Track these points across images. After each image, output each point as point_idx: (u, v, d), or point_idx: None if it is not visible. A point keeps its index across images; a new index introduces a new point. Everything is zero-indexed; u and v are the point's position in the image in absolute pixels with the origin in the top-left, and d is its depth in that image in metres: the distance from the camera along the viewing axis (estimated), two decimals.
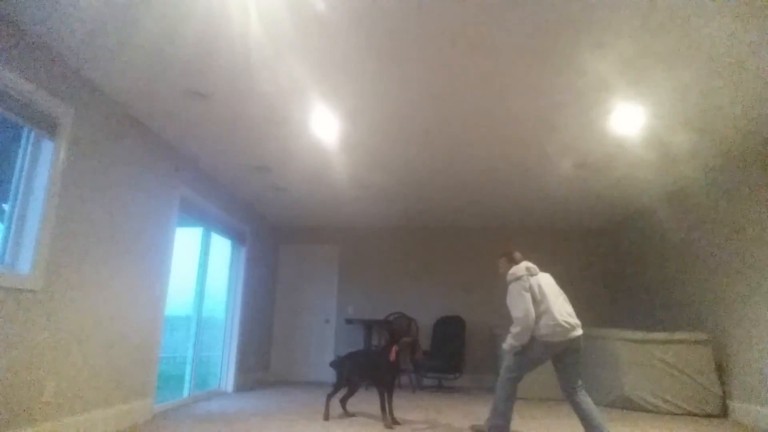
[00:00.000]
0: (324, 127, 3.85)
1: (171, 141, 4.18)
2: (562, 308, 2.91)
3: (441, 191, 5.53)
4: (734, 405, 4.20)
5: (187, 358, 4.80)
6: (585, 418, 2.81)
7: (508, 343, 2.96)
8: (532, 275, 3.03)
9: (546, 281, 3.05)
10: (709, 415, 4.31)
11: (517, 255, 3.23)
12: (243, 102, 3.46)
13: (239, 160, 4.64)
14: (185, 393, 4.67)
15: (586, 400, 2.85)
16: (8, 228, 2.72)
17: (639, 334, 4.69)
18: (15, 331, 2.57)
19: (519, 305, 2.91)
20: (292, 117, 3.68)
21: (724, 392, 4.35)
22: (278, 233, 7.51)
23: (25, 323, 2.64)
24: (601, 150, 4.16)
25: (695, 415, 4.34)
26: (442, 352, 6.29)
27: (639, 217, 6.11)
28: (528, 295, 2.92)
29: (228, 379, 5.60)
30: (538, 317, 2.87)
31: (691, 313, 4.92)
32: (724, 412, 4.31)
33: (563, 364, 2.93)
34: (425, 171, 4.86)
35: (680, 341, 4.51)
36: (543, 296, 2.93)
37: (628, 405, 4.58)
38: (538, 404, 5.05)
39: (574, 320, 2.89)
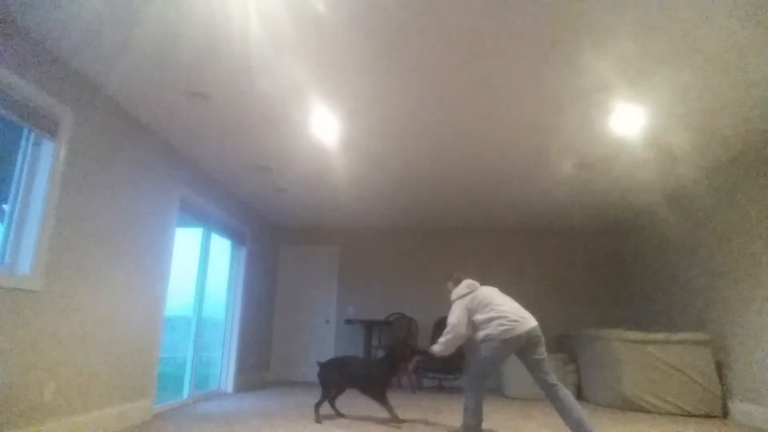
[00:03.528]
0: (324, 127, 3.85)
1: (171, 141, 4.18)
2: (510, 307, 3.11)
3: (441, 192, 5.53)
4: (734, 405, 4.20)
5: (187, 359, 4.80)
6: (564, 413, 2.87)
7: (436, 349, 3.24)
8: (472, 291, 3.30)
9: (488, 291, 3.29)
10: (709, 416, 4.31)
11: (461, 277, 3.51)
12: (243, 102, 3.46)
13: (239, 160, 4.64)
14: (185, 393, 4.67)
15: (564, 393, 2.92)
16: (8, 228, 2.72)
17: (639, 335, 4.69)
18: (15, 331, 2.57)
19: (454, 315, 3.22)
20: (292, 117, 3.68)
21: (724, 392, 4.35)
22: (278, 233, 7.51)
23: (25, 323, 2.64)
24: (601, 150, 4.16)
25: (695, 415, 4.34)
26: None
27: (639, 217, 6.11)
28: (466, 313, 3.19)
29: (228, 380, 5.60)
30: (489, 321, 3.07)
31: (691, 313, 4.92)
32: (724, 412, 4.31)
33: (527, 357, 3.04)
34: (425, 171, 4.86)
35: (680, 341, 4.51)
36: (489, 302, 3.16)
37: (628, 405, 4.58)
38: (538, 404, 5.05)
39: (525, 314, 3.08)
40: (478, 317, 3.13)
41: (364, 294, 7.16)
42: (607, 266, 6.89)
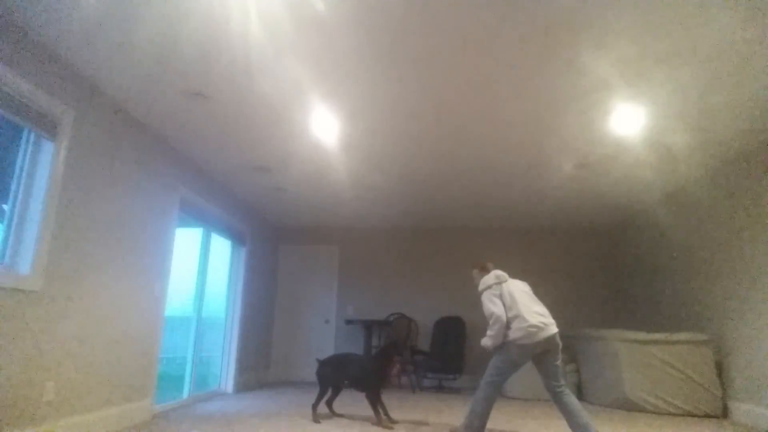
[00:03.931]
0: (324, 127, 3.85)
1: (171, 141, 4.18)
2: (532, 310, 3.02)
3: (441, 191, 5.53)
4: (734, 405, 4.20)
5: (187, 359, 4.80)
6: (570, 418, 2.86)
7: (485, 342, 3.12)
8: (501, 282, 3.19)
9: (516, 287, 3.19)
10: (709, 416, 4.31)
11: (489, 265, 3.40)
12: (243, 102, 3.46)
13: (239, 161, 4.64)
14: (185, 393, 4.67)
15: (571, 399, 2.91)
16: (8, 228, 2.72)
17: (639, 335, 4.69)
18: (15, 332, 2.57)
19: (491, 308, 3.07)
20: (292, 117, 3.68)
21: (724, 392, 4.35)
22: (278, 233, 7.51)
23: (25, 323, 2.64)
24: (601, 150, 4.16)
25: (695, 415, 4.34)
26: (442, 352, 6.28)
27: (639, 217, 6.11)
28: (499, 301, 3.08)
29: (228, 380, 5.60)
30: (510, 322, 3.00)
31: (691, 313, 4.92)
32: (724, 413, 4.31)
33: (544, 364, 3.01)
34: (425, 171, 4.86)
35: (680, 341, 4.51)
36: (513, 302, 3.06)
37: (628, 405, 4.58)
38: (538, 404, 5.05)
39: (548, 319, 3.00)
40: None
41: (364, 294, 7.16)
42: (607, 266, 6.89)
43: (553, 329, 2.95)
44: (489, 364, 3.11)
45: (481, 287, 3.24)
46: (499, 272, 3.27)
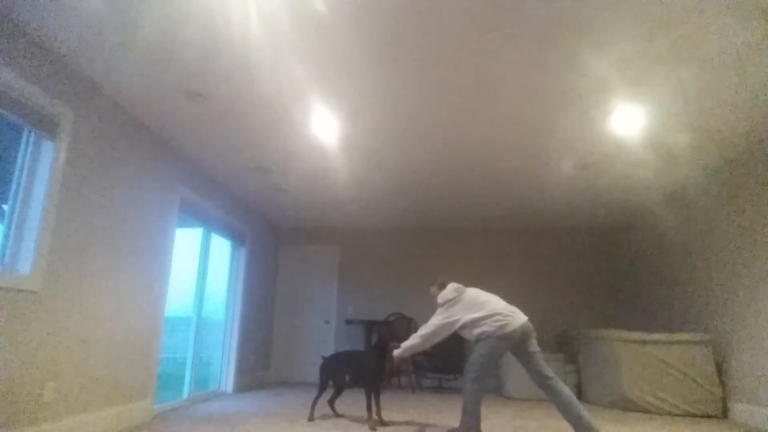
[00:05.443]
0: (324, 127, 3.85)
1: (171, 141, 4.18)
2: (500, 304, 3.18)
3: (441, 192, 5.53)
4: (734, 405, 4.20)
5: (187, 359, 4.80)
6: (563, 407, 2.88)
7: (403, 345, 3.28)
8: (460, 294, 3.30)
9: (476, 291, 3.33)
10: (709, 416, 4.31)
11: (445, 280, 3.50)
12: (243, 102, 3.46)
13: (239, 161, 4.64)
14: (185, 394, 4.67)
15: (561, 388, 2.94)
16: (8, 228, 2.72)
17: (639, 335, 4.69)
18: (15, 332, 2.57)
19: (434, 319, 3.26)
20: (292, 117, 3.68)
21: (724, 392, 4.35)
22: (278, 233, 7.51)
23: (25, 323, 2.64)
24: (602, 151, 4.16)
25: (695, 415, 4.34)
26: (442, 352, 6.28)
27: (639, 217, 6.11)
28: (447, 321, 3.20)
29: (228, 380, 5.60)
30: (483, 319, 3.09)
31: (691, 313, 4.92)
32: (724, 413, 4.31)
33: (525, 353, 3.08)
34: (425, 171, 4.86)
35: (680, 342, 4.51)
36: (479, 303, 3.19)
37: (628, 405, 4.58)
38: (538, 404, 5.05)
39: (515, 309, 3.16)
40: (471, 316, 3.12)
41: (364, 294, 7.16)
42: (607, 266, 6.89)
43: (524, 316, 3.10)
44: (469, 362, 3.14)
45: (440, 300, 3.33)
46: (456, 284, 3.36)
